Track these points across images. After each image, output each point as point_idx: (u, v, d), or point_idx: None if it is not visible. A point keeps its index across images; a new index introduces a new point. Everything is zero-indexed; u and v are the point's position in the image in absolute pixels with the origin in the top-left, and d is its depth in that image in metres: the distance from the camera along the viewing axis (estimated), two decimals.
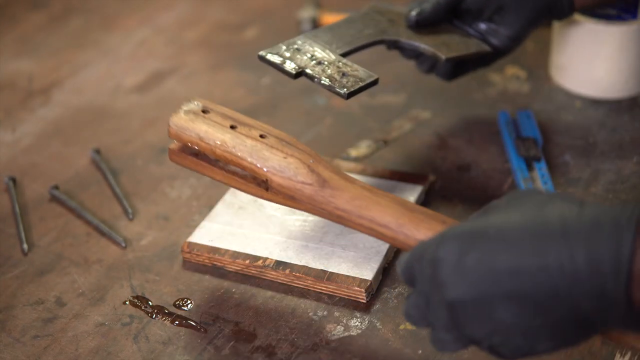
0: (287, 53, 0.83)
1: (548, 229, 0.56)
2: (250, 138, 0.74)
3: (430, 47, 0.90)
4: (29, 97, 1.15)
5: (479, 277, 0.57)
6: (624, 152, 0.96)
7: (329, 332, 0.75)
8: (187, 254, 0.84)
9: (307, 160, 0.73)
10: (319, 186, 0.72)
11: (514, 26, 0.93)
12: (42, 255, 0.87)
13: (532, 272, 0.56)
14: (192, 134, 0.75)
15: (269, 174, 0.73)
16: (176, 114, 0.77)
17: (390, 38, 0.89)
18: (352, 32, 0.88)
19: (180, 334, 0.76)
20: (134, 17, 1.36)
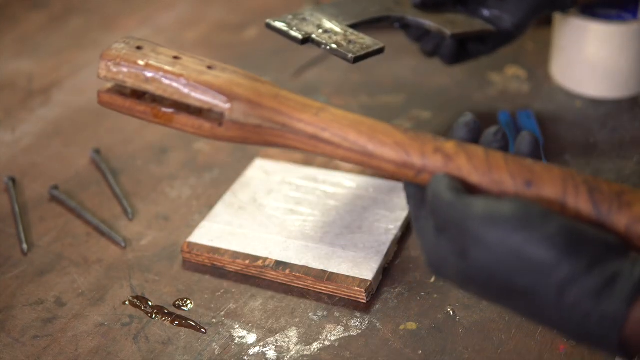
0: (294, 22, 0.84)
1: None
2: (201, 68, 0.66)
3: (436, 24, 0.91)
4: (29, 97, 1.15)
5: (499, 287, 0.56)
6: (624, 152, 0.96)
7: (329, 332, 0.75)
8: (187, 254, 0.84)
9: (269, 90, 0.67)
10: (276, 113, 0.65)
11: (517, 13, 0.93)
12: (42, 255, 0.87)
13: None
14: (134, 66, 0.67)
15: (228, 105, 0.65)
16: (109, 48, 0.68)
17: (397, 15, 0.91)
18: (358, 8, 0.89)
19: (180, 334, 0.76)
20: (134, 17, 1.36)
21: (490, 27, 0.94)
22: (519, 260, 0.55)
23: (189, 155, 1.01)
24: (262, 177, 0.93)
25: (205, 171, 0.98)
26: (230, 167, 0.98)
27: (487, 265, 0.56)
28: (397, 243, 0.84)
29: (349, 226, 0.85)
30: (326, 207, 0.88)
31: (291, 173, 0.92)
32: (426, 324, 0.75)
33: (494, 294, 0.58)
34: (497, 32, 0.95)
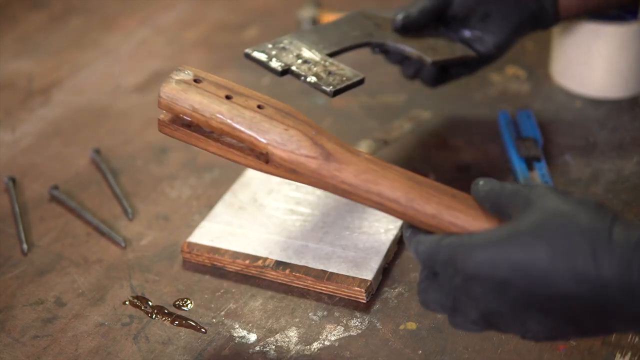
0: (273, 51, 0.83)
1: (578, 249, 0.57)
2: (248, 109, 0.69)
3: (416, 50, 0.90)
4: (29, 97, 1.15)
5: (515, 294, 0.59)
6: (624, 152, 0.95)
7: (329, 332, 0.75)
8: (187, 254, 0.84)
9: (309, 132, 0.69)
10: (324, 159, 0.67)
11: (500, 34, 0.93)
12: (42, 255, 0.87)
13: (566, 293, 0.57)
14: (186, 105, 0.69)
15: (270, 146, 0.68)
16: (167, 83, 0.71)
17: (377, 40, 0.89)
18: (339, 34, 0.87)
19: (180, 334, 0.76)
20: (134, 17, 1.36)
21: (471, 53, 0.94)
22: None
23: (189, 155, 1.01)
24: (262, 177, 0.92)
25: (205, 171, 0.98)
26: (230, 167, 0.98)
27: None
28: (397, 243, 0.84)
29: (349, 226, 0.85)
30: (326, 207, 0.88)
31: None
32: (426, 324, 0.75)
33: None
34: (478, 56, 0.94)
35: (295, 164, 0.68)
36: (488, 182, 0.65)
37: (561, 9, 0.94)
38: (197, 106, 0.69)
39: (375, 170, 0.67)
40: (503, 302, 0.59)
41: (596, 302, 0.57)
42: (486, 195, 0.64)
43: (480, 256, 0.59)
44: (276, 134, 0.68)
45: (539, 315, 0.59)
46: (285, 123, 0.68)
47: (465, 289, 0.60)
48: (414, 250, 0.64)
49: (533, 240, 0.58)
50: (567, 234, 0.58)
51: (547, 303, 0.59)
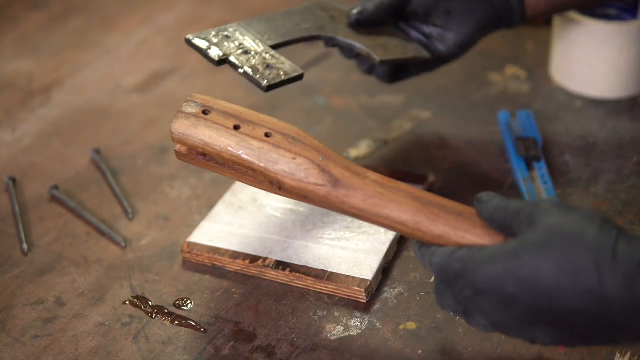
0: (214, 39, 0.81)
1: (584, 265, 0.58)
2: (256, 139, 0.71)
3: (366, 47, 0.87)
4: (29, 97, 1.15)
5: (522, 308, 0.60)
6: (624, 152, 0.96)
7: (329, 332, 0.75)
8: (187, 254, 0.84)
9: (316, 158, 0.70)
10: (332, 186, 0.70)
11: (461, 32, 0.90)
12: (42, 255, 0.87)
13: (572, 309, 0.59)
14: (197, 140, 0.72)
15: (280, 176, 0.70)
16: (177, 119, 0.73)
17: (327, 35, 0.86)
18: (289, 25, 0.85)
19: (180, 334, 0.76)
20: (134, 17, 1.36)
21: (425, 54, 0.91)
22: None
23: None
24: None
25: (205, 171, 0.98)
26: None
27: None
28: (397, 243, 0.84)
29: (349, 226, 0.85)
30: None
31: None
32: (426, 323, 0.75)
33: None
34: (431, 58, 0.91)
35: (305, 191, 0.70)
36: (491, 199, 0.66)
37: (528, 8, 0.90)
38: (208, 140, 0.72)
39: (382, 193, 0.69)
40: (510, 315, 0.61)
41: (602, 318, 0.58)
42: (491, 216, 0.66)
43: (488, 271, 0.61)
44: (284, 164, 0.70)
45: (546, 328, 0.61)
46: (292, 151, 0.70)
47: (474, 302, 0.63)
48: (428, 262, 0.67)
49: (539, 257, 0.59)
50: (572, 250, 0.59)
51: (553, 317, 0.60)
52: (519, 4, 0.90)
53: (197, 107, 0.73)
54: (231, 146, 0.71)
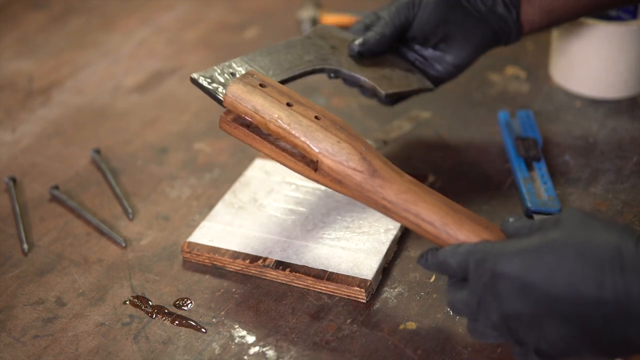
0: (220, 78, 0.80)
1: (606, 260, 0.59)
2: (306, 118, 0.74)
3: (371, 80, 0.87)
4: (29, 97, 1.15)
5: (538, 298, 0.61)
6: (623, 152, 0.96)
7: (329, 332, 0.76)
8: (187, 254, 0.84)
9: (359, 147, 0.72)
10: (369, 174, 0.71)
11: (460, 54, 0.91)
12: (42, 255, 0.87)
13: (590, 301, 0.59)
14: (249, 105, 0.74)
15: (321, 155, 0.72)
16: (234, 83, 0.75)
17: (331, 67, 0.87)
18: (291, 58, 0.85)
19: (180, 334, 0.76)
20: (134, 17, 1.36)
21: (428, 84, 0.91)
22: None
23: (189, 155, 1.01)
24: (262, 177, 0.93)
25: (206, 171, 0.98)
26: (230, 167, 0.98)
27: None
28: (397, 243, 0.84)
29: (349, 226, 0.85)
30: (326, 207, 0.88)
31: (291, 173, 0.92)
32: (426, 323, 0.76)
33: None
34: (433, 88, 0.92)
35: (342, 175, 0.72)
36: (518, 219, 0.67)
37: (524, 25, 0.91)
38: (259, 108, 0.74)
39: (415, 191, 0.71)
40: (525, 303, 0.61)
41: (618, 312, 0.58)
42: (516, 231, 0.67)
43: (511, 259, 0.62)
44: (328, 144, 0.72)
45: (558, 322, 0.61)
46: (338, 136, 0.73)
47: (491, 287, 0.63)
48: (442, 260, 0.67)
49: (563, 249, 0.60)
50: (596, 246, 0.60)
51: (566, 307, 0.60)
52: (515, 22, 0.90)
53: (255, 80, 0.76)
54: (281, 118, 0.73)
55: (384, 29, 0.89)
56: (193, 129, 1.06)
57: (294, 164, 0.74)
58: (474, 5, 0.89)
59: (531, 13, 0.90)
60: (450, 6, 0.89)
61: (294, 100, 0.75)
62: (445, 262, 0.67)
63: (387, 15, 0.89)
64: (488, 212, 0.88)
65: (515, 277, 0.61)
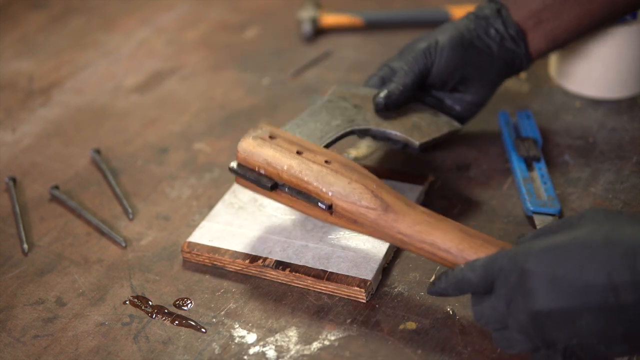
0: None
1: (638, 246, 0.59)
2: (316, 163, 0.76)
3: (402, 133, 0.88)
4: (29, 97, 1.16)
5: (570, 291, 0.61)
6: (623, 152, 0.96)
7: (328, 331, 0.76)
8: (187, 254, 0.84)
9: (370, 185, 0.74)
10: (382, 210, 0.73)
11: (479, 93, 0.93)
12: (42, 255, 0.87)
13: (624, 288, 0.59)
14: (260, 159, 0.78)
15: (334, 198, 0.75)
16: (245, 139, 0.79)
17: (360, 127, 0.87)
18: (320, 126, 0.85)
19: (180, 334, 0.76)
20: (134, 17, 1.36)
21: (457, 125, 0.92)
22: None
23: (189, 155, 1.01)
24: None
25: (205, 171, 0.98)
26: None
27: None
28: None
29: None
30: None
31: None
32: (426, 323, 0.76)
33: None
34: (461, 128, 0.93)
35: (357, 214, 0.74)
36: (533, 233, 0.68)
37: (532, 52, 0.92)
38: (270, 160, 0.78)
39: (429, 222, 0.72)
40: (557, 297, 0.61)
41: None
42: (536, 234, 0.66)
43: (539, 256, 0.62)
44: (340, 186, 0.75)
45: (591, 314, 0.60)
46: (349, 177, 0.75)
47: (521, 285, 0.62)
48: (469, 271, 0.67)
49: (591, 241, 0.61)
50: (625, 234, 0.60)
51: (601, 298, 0.60)
52: (525, 52, 0.92)
53: (264, 132, 0.79)
54: (292, 166, 0.76)
55: (405, 79, 0.89)
56: (193, 129, 1.06)
57: (310, 210, 0.77)
58: (486, 43, 0.91)
59: (537, 42, 0.92)
60: (465, 48, 0.90)
61: (304, 148, 0.78)
62: (464, 278, 0.67)
63: (406, 64, 0.90)
64: (488, 212, 0.88)
65: (545, 272, 0.61)
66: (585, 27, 0.93)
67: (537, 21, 0.91)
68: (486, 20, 0.91)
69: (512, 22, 0.91)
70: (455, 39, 0.90)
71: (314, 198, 0.76)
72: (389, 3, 1.35)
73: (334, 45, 1.23)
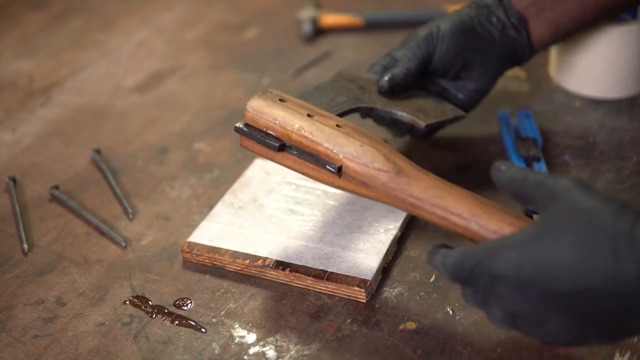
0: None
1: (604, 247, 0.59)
2: (327, 126, 0.75)
3: (408, 114, 0.88)
4: (29, 97, 1.16)
5: (538, 295, 0.61)
6: (623, 152, 0.96)
7: (329, 332, 0.76)
8: (187, 254, 0.84)
9: (383, 149, 0.73)
10: (395, 174, 0.72)
11: (481, 80, 0.93)
12: (42, 255, 0.87)
13: (588, 295, 0.59)
14: (270, 118, 0.76)
15: (345, 159, 0.73)
16: (254, 98, 0.77)
17: (366, 105, 0.87)
18: (326, 100, 0.85)
19: (180, 334, 0.76)
20: (134, 17, 1.36)
21: (461, 113, 0.92)
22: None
23: (189, 155, 1.01)
24: (262, 177, 0.93)
25: (206, 171, 0.98)
26: (230, 167, 0.98)
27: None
28: (396, 243, 0.84)
29: (349, 226, 0.85)
30: (326, 207, 0.88)
31: (291, 173, 0.92)
32: (426, 323, 0.76)
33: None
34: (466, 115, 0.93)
35: (368, 177, 0.73)
36: (510, 168, 0.67)
37: (535, 43, 0.93)
38: (280, 119, 0.76)
39: (442, 187, 0.71)
40: (525, 301, 0.62)
41: (617, 298, 0.59)
42: (509, 183, 0.67)
43: (505, 257, 0.62)
44: (352, 148, 0.73)
45: (559, 315, 0.61)
46: (360, 140, 0.74)
47: (491, 289, 0.63)
48: (441, 265, 0.67)
49: (557, 240, 0.60)
50: (590, 232, 0.60)
51: (567, 300, 0.60)
52: (528, 41, 0.92)
53: (274, 95, 0.78)
54: (303, 127, 0.75)
55: (409, 64, 0.89)
56: (193, 129, 1.06)
57: (318, 173, 0.75)
58: (487, 30, 0.91)
59: (540, 31, 0.92)
60: (466, 34, 0.90)
61: (315, 112, 0.77)
62: (440, 268, 0.67)
63: (408, 50, 0.90)
64: None
65: (511, 277, 0.62)
66: (590, 17, 0.93)
67: (539, 9, 0.92)
68: (488, 8, 0.92)
69: (514, 10, 0.91)
70: (456, 25, 0.90)
71: (322, 160, 0.75)
72: (389, 3, 1.35)
73: (334, 45, 1.23)
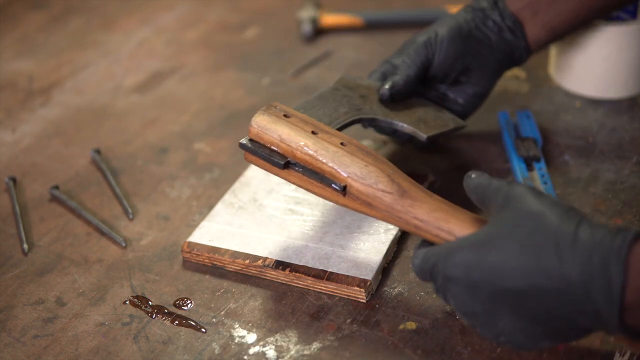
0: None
1: (546, 254, 0.61)
2: (332, 144, 0.75)
3: (409, 125, 0.88)
4: (29, 97, 1.16)
5: (486, 296, 0.64)
6: (623, 152, 0.96)
7: (328, 331, 0.76)
8: (187, 253, 0.84)
9: (387, 170, 0.74)
10: (399, 195, 0.73)
11: (481, 83, 0.93)
12: (42, 255, 0.87)
13: (534, 294, 0.62)
14: (274, 135, 0.76)
15: (349, 179, 0.74)
16: (258, 114, 0.77)
17: (367, 116, 0.87)
18: (328, 111, 0.84)
19: (180, 334, 0.76)
20: (134, 17, 1.36)
21: (461, 123, 0.93)
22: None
23: (189, 155, 1.01)
24: (262, 177, 0.93)
25: (205, 171, 0.98)
26: (230, 167, 0.98)
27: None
28: (396, 243, 0.84)
29: (349, 226, 0.85)
30: (326, 207, 0.88)
31: None
32: (426, 323, 0.76)
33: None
34: (466, 125, 0.94)
35: (372, 197, 0.73)
36: (478, 177, 0.70)
37: (531, 43, 0.93)
38: (285, 137, 0.76)
39: (446, 209, 0.72)
40: (476, 301, 0.65)
41: (563, 297, 0.61)
42: (475, 188, 0.69)
43: (456, 259, 0.65)
44: (356, 168, 0.74)
45: (509, 315, 0.64)
46: (365, 160, 0.74)
47: (447, 289, 0.66)
48: (412, 265, 0.70)
49: (505, 241, 0.63)
50: (536, 234, 0.62)
51: (515, 300, 0.63)
52: (525, 43, 0.93)
53: (279, 110, 0.78)
54: (308, 145, 0.75)
55: (408, 71, 0.90)
56: (193, 129, 1.06)
57: (322, 191, 0.76)
58: (484, 33, 0.92)
59: (535, 32, 0.93)
60: (463, 38, 0.91)
61: (319, 129, 0.77)
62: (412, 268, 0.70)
63: (407, 57, 0.90)
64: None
65: (462, 277, 0.64)
66: (584, 17, 0.94)
67: (534, 11, 0.92)
68: (483, 11, 0.92)
69: (509, 13, 0.92)
70: (454, 30, 0.91)
71: (327, 179, 0.75)
72: (389, 3, 1.35)
73: (334, 45, 1.23)
